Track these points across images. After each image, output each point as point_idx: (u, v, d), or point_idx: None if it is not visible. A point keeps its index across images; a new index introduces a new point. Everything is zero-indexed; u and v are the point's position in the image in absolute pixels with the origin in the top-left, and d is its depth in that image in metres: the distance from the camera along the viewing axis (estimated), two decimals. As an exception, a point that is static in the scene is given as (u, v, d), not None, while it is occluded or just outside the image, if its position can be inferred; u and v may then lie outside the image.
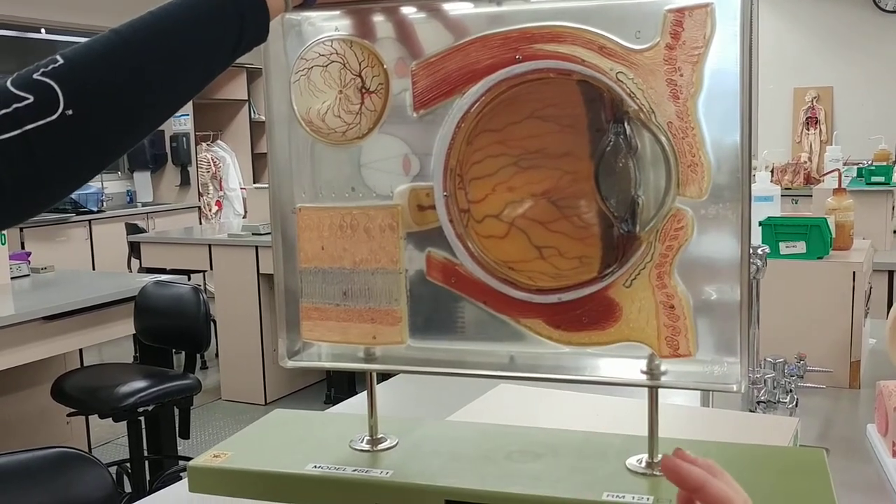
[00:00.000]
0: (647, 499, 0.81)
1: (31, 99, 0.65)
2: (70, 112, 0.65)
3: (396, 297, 0.92)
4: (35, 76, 0.66)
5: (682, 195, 0.80)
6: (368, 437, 0.98)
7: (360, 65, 0.89)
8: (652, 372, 0.85)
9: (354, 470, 0.92)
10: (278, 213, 0.96)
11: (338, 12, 0.90)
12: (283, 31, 0.92)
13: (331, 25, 0.91)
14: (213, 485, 0.96)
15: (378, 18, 0.89)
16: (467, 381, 1.30)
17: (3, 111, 0.64)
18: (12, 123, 0.64)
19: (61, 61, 0.67)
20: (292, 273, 0.96)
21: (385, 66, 0.89)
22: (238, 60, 0.77)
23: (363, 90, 0.90)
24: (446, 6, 0.88)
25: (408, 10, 0.89)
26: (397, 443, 0.98)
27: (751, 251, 0.80)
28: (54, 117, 0.65)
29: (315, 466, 0.93)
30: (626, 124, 0.80)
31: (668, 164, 0.79)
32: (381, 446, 0.97)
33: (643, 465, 0.88)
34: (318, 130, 0.92)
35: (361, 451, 0.97)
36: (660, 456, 0.88)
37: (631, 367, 0.86)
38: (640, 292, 0.83)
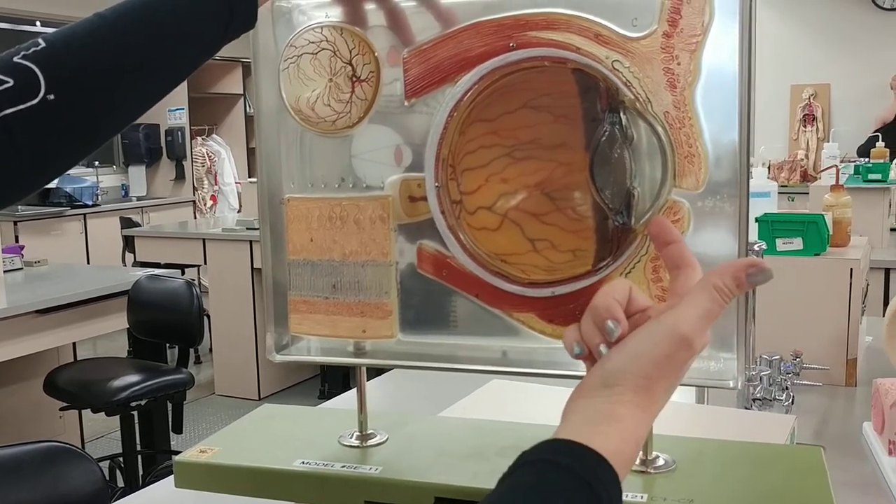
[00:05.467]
0: (641, 496, 0.80)
1: (11, 83, 0.63)
2: (51, 97, 0.64)
3: (387, 289, 0.90)
4: (15, 59, 0.64)
5: (679, 187, 0.78)
6: (358, 433, 0.96)
7: (350, 52, 0.87)
8: (647, 367, 0.83)
9: (343, 466, 0.90)
10: (266, 203, 0.94)
11: (328, 0, 0.88)
12: (272, 19, 0.90)
13: (321, 13, 0.89)
14: (200, 480, 0.95)
15: (370, 6, 0.87)
16: (459, 376, 1.28)
17: None
18: None
19: (43, 44, 0.65)
20: (280, 265, 0.94)
21: (376, 54, 0.87)
22: (233, 54, 0.75)
23: (354, 78, 0.88)
24: None
25: (400, -2, 0.87)
26: (387, 438, 0.96)
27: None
28: (35, 102, 0.63)
29: (303, 462, 0.91)
30: (621, 114, 0.78)
31: (664, 154, 0.77)
32: (370, 442, 0.95)
33: (637, 462, 0.86)
34: (307, 119, 0.90)
35: (350, 446, 0.95)
36: (654, 453, 0.86)
37: (625, 363, 0.84)
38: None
